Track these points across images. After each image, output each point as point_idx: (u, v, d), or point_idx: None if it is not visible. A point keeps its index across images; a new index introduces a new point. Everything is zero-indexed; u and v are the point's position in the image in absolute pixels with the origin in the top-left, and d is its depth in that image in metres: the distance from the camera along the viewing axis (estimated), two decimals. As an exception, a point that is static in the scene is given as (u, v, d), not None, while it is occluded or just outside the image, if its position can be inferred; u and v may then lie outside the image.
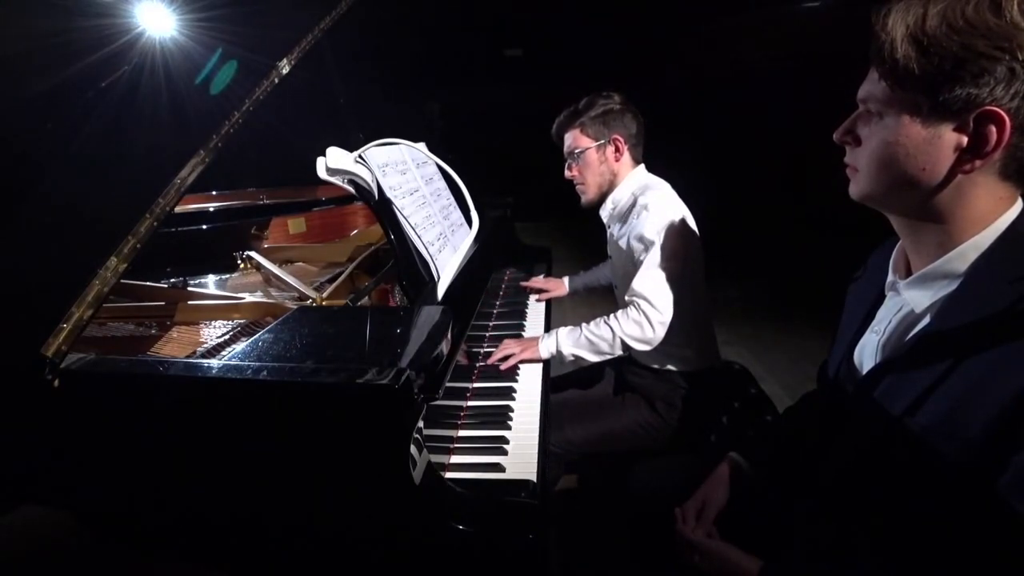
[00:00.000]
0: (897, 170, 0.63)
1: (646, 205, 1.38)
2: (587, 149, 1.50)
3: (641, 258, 1.36)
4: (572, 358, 1.39)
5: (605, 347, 1.36)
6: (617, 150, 1.49)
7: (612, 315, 1.37)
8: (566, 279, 1.97)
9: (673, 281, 1.33)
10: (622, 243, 1.47)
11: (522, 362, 1.36)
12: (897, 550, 0.67)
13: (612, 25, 6.28)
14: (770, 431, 1.08)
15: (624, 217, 1.50)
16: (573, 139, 1.52)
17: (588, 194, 1.56)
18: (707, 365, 1.50)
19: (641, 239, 1.37)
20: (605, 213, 1.58)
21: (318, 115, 1.95)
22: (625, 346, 1.35)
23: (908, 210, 0.67)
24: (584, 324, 1.39)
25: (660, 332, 1.33)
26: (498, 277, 1.92)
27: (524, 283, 1.93)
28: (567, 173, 1.57)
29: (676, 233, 1.35)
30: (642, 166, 1.55)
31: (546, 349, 1.37)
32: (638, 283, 1.34)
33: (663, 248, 1.33)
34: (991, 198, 0.62)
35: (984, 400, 0.56)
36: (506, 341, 1.39)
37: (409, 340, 0.85)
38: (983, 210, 0.62)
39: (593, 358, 1.39)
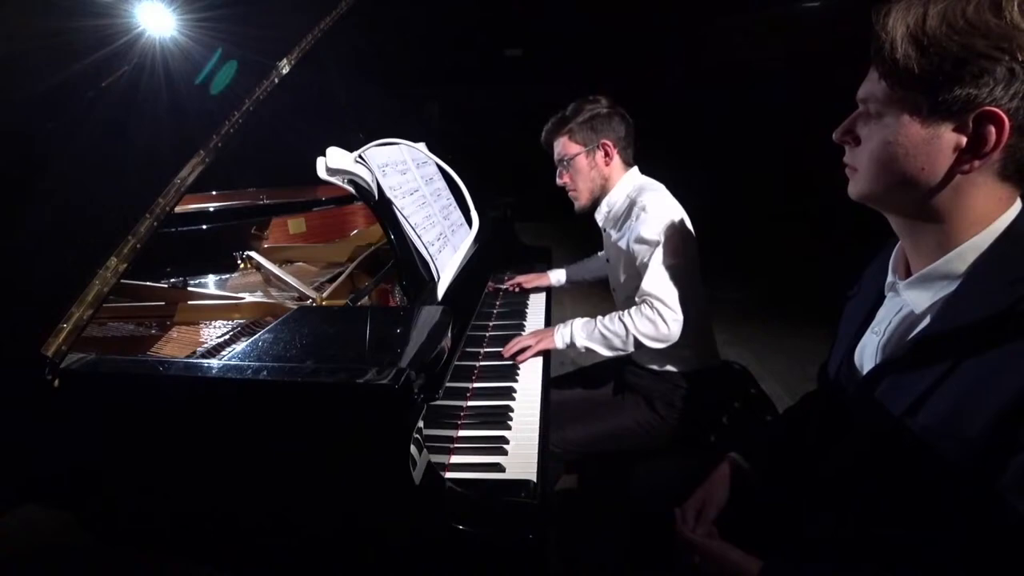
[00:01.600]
0: (896, 170, 0.63)
1: (644, 207, 1.38)
2: (576, 155, 1.50)
3: (646, 259, 1.36)
4: (584, 350, 1.40)
5: (618, 343, 1.36)
6: (607, 154, 1.49)
7: (625, 312, 1.37)
8: (550, 272, 1.95)
9: (679, 279, 1.34)
10: (621, 244, 1.47)
11: (538, 353, 1.36)
12: (897, 550, 0.67)
13: (612, 25, 6.28)
14: (770, 431, 1.08)
15: (621, 220, 1.49)
16: (562, 146, 1.52)
17: (581, 200, 1.56)
18: (707, 365, 1.50)
19: (644, 240, 1.37)
20: (600, 217, 1.58)
21: (318, 115, 1.95)
22: (638, 343, 1.35)
23: (907, 210, 0.67)
24: (599, 317, 1.40)
25: (676, 329, 1.33)
26: (498, 277, 1.92)
27: (501, 286, 1.90)
28: (559, 180, 1.57)
29: (676, 232, 1.36)
30: (635, 168, 1.54)
31: (561, 339, 1.38)
32: (648, 284, 1.34)
33: (666, 247, 1.34)
34: (990, 198, 0.62)
35: (984, 400, 0.56)
36: (518, 338, 1.39)
37: (409, 340, 0.85)
38: (982, 210, 0.62)
39: (606, 353, 1.40)
